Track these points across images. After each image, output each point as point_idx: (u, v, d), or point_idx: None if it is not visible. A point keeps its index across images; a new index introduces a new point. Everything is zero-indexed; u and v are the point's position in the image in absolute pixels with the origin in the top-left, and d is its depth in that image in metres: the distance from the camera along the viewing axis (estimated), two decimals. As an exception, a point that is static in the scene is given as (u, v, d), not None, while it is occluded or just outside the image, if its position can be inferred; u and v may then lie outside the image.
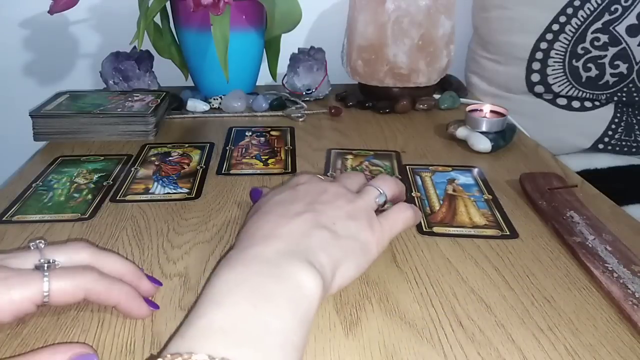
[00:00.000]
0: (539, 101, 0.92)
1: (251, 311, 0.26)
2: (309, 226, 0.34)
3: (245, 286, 0.28)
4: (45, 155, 0.61)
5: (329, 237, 0.34)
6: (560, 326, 0.34)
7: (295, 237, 0.33)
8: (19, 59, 0.98)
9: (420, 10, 0.74)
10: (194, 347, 0.24)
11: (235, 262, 0.30)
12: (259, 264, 0.30)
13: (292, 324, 0.27)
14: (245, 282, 0.28)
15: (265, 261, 0.30)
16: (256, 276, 0.29)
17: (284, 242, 0.32)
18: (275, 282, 0.29)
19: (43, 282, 0.31)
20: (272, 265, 0.30)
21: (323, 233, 0.34)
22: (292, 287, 0.29)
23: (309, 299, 0.29)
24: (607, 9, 0.84)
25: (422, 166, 0.58)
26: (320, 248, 0.33)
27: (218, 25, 0.69)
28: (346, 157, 0.61)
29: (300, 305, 0.28)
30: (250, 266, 0.30)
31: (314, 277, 0.30)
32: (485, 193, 0.52)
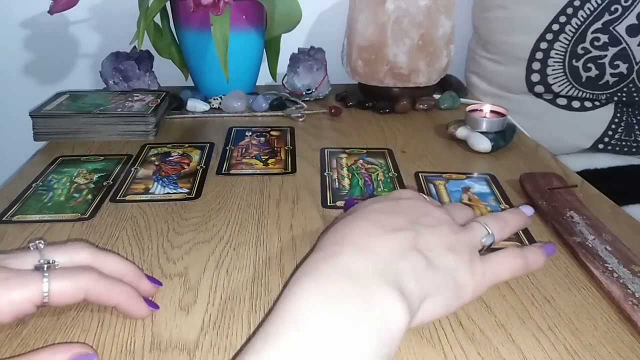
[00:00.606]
0: (539, 101, 0.92)
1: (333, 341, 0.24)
2: (405, 246, 0.30)
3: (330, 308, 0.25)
4: (45, 155, 0.61)
5: (424, 264, 0.30)
6: (560, 326, 0.34)
7: (388, 256, 0.29)
8: (19, 59, 0.98)
9: (420, 10, 0.74)
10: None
11: (320, 274, 0.27)
12: (345, 280, 0.27)
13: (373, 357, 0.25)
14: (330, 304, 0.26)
15: (352, 277, 0.27)
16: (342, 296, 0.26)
17: (375, 258, 0.29)
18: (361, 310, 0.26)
19: (43, 282, 0.31)
20: (360, 285, 0.27)
21: (419, 259, 0.30)
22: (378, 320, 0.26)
23: (393, 336, 0.26)
24: (607, 9, 0.84)
25: (435, 174, 0.57)
26: (413, 275, 0.29)
27: (218, 25, 0.69)
28: (340, 155, 0.61)
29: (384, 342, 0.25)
30: (335, 280, 0.27)
31: (403, 310, 0.26)
32: (502, 202, 0.50)
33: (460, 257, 0.32)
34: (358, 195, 0.52)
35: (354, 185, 0.54)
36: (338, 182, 0.54)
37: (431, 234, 0.32)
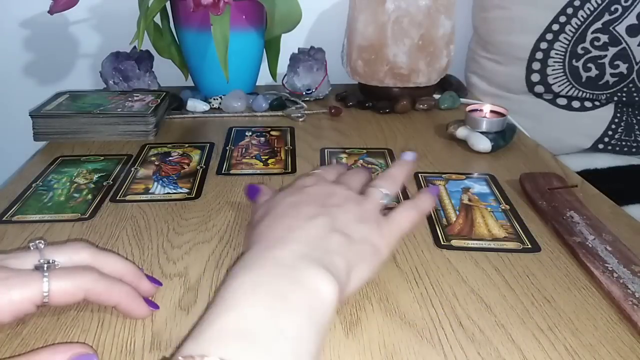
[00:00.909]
0: (539, 101, 0.92)
1: (267, 315, 0.26)
2: (325, 230, 0.34)
3: (261, 289, 0.28)
4: (45, 155, 0.61)
5: (344, 241, 0.34)
6: (560, 326, 0.34)
7: (311, 241, 0.32)
8: (19, 59, 0.98)
9: (420, 10, 0.74)
10: (207, 350, 0.24)
11: (252, 265, 0.30)
12: (275, 266, 0.30)
13: (307, 330, 0.27)
14: (261, 285, 0.28)
15: (281, 264, 0.30)
16: (272, 279, 0.28)
17: (300, 245, 0.32)
18: (291, 286, 0.28)
19: (43, 282, 0.31)
20: (289, 269, 0.29)
21: (338, 237, 0.34)
22: (309, 292, 0.28)
23: (325, 304, 0.28)
24: (607, 9, 0.84)
25: (435, 174, 0.57)
26: (336, 252, 0.32)
27: (218, 25, 0.69)
28: (340, 156, 0.61)
29: (317, 311, 0.28)
30: (266, 269, 0.29)
31: (330, 282, 0.29)
32: (502, 203, 0.50)
33: (369, 225, 0.36)
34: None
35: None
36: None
37: (342, 213, 0.36)
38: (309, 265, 0.30)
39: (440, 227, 0.46)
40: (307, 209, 0.36)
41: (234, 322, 0.25)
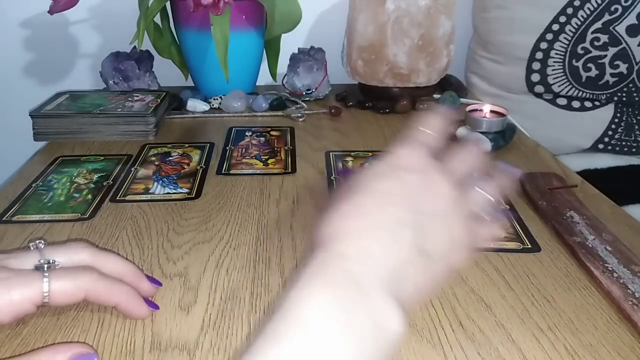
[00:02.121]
0: (539, 101, 0.92)
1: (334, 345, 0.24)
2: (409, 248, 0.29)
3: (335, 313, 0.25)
4: (45, 155, 0.61)
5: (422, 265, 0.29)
6: (560, 326, 0.34)
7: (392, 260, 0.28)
8: (19, 59, 0.98)
9: (420, 10, 0.74)
10: None
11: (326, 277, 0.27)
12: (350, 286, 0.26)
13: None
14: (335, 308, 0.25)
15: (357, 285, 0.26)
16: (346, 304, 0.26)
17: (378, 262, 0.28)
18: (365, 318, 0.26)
19: (43, 282, 0.31)
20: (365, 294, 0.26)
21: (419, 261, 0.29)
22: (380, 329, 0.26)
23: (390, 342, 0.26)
24: (607, 9, 0.84)
25: None
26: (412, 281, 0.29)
27: (218, 25, 0.69)
28: (346, 159, 0.61)
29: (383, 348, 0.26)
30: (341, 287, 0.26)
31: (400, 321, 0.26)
32: (502, 203, 0.50)
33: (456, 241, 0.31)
34: None
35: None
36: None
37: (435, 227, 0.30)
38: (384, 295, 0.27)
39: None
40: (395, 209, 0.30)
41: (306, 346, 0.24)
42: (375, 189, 0.30)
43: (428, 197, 0.31)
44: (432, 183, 0.31)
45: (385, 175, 0.32)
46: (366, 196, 0.30)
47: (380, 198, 0.30)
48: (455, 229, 0.31)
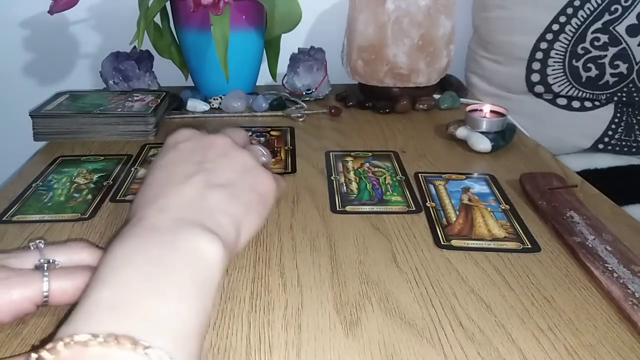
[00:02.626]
0: (539, 101, 0.92)
1: (144, 284, 0.24)
2: (202, 188, 0.32)
3: (137, 259, 0.26)
4: (45, 155, 0.61)
5: (226, 195, 0.32)
6: (560, 326, 0.34)
7: (188, 202, 0.30)
8: (19, 59, 0.98)
9: (420, 10, 0.74)
10: (79, 328, 0.22)
11: (126, 236, 0.28)
12: (151, 235, 0.28)
13: (190, 289, 0.25)
14: (137, 255, 0.26)
15: (158, 231, 0.28)
16: (148, 248, 0.27)
17: (177, 209, 0.30)
18: (169, 252, 0.27)
19: (43, 282, 0.31)
20: (165, 235, 0.28)
21: (219, 193, 0.32)
22: (188, 254, 0.27)
23: (209, 263, 0.27)
24: (607, 9, 0.84)
25: (435, 174, 0.57)
26: (218, 209, 0.31)
27: (218, 25, 0.69)
28: (346, 159, 0.61)
29: (200, 270, 0.27)
30: (142, 238, 0.28)
31: (212, 241, 0.28)
32: (502, 203, 0.50)
33: (255, 173, 0.35)
34: (367, 199, 0.51)
35: (361, 189, 0.53)
36: (346, 186, 0.54)
37: (222, 164, 0.34)
38: (186, 229, 0.28)
39: (440, 227, 0.46)
40: (182, 168, 0.33)
41: (108, 295, 0.24)
42: (159, 165, 0.35)
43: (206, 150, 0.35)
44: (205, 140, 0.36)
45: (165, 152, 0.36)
46: (154, 172, 0.34)
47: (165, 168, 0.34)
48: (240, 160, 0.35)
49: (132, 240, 0.27)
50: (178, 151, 0.35)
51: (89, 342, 0.21)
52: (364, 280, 0.38)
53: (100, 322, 0.22)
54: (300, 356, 0.31)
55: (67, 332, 0.22)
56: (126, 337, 0.21)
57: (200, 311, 0.25)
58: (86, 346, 0.21)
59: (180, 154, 0.35)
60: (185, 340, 0.23)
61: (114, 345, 0.21)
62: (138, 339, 0.21)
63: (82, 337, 0.21)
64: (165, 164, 0.34)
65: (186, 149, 0.35)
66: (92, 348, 0.21)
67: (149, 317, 0.23)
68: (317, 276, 0.39)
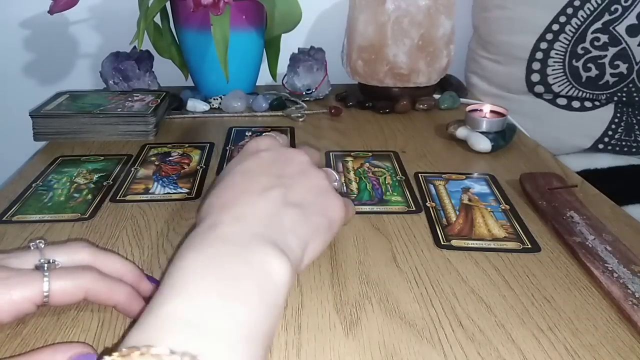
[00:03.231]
0: (539, 101, 0.92)
1: (217, 300, 0.24)
2: (278, 204, 0.32)
3: (211, 271, 0.26)
4: (45, 155, 0.61)
5: (299, 216, 0.32)
6: (560, 326, 0.34)
7: (264, 217, 0.31)
8: (19, 59, 0.98)
9: (420, 10, 0.74)
10: (154, 339, 0.22)
11: (200, 244, 0.28)
12: (225, 246, 0.28)
13: (260, 313, 0.25)
14: (211, 267, 0.26)
15: (232, 243, 0.28)
16: (222, 260, 0.27)
17: (252, 222, 0.30)
18: (242, 268, 0.27)
19: (43, 282, 0.31)
20: (240, 249, 0.28)
21: (293, 212, 0.32)
22: (260, 274, 0.27)
23: (277, 286, 0.27)
24: (607, 9, 0.84)
25: (435, 174, 0.57)
26: (290, 229, 0.31)
27: (218, 25, 0.69)
28: (346, 159, 0.61)
29: (269, 293, 0.27)
30: (215, 248, 0.28)
31: (284, 263, 0.28)
32: (502, 203, 0.50)
33: (327, 196, 0.35)
34: (367, 199, 0.51)
35: (362, 189, 0.53)
36: (346, 186, 0.54)
37: (299, 184, 0.34)
38: (261, 245, 0.28)
39: (440, 227, 0.46)
40: (261, 179, 0.33)
41: (182, 308, 0.24)
42: (238, 169, 0.35)
43: (285, 164, 0.35)
44: (286, 154, 0.36)
45: (244, 159, 0.36)
46: (231, 177, 0.34)
47: (244, 174, 0.34)
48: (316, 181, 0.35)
49: (207, 249, 0.28)
50: (258, 159, 0.36)
51: (164, 357, 0.21)
52: (364, 280, 0.38)
53: (175, 335, 0.22)
54: (300, 356, 0.31)
55: (142, 340, 0.22)
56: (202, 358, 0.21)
57: (267, 333, 0.25)
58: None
59: (260, 163, 0.35)
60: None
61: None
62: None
63: (159, 351, 0.21)
64: (244, 170, 0.34)
65: (267, 159, 0.35)
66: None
67: (222, 337, 0.23)
68: (317, 276, 0.39)
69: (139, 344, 0.21)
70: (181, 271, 0.26)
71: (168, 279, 0.26)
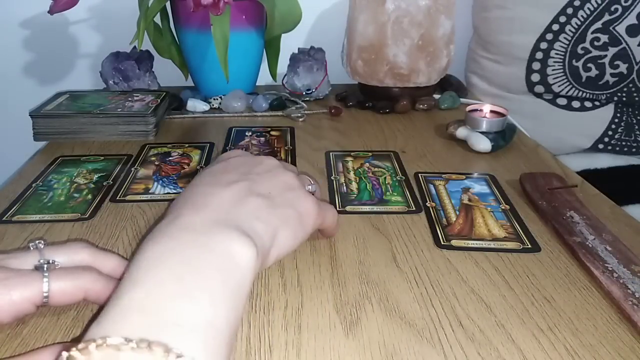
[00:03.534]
0: (539, 101, 0.92)
1: (176, 287, 0.24)
2: (242, 194, 0.32)
3: (170, 260, 0.26)
4: (45, 155, 0.61)
5: (265, 205, 0.32)
6: (560, 326, 0.34)
7: (226, 206, 0.30)
8: (19, 59, 0.98)
9: (420, 10, 0.74)
10: (110, 330, 0.22)
11: (160, 235, 0.28)
12: (185, 234, 0.27)
13: (222, 296, 0.25)
14: (170, 256, 0.26)
15: (192, 231, 0.28)
16: (182, 248, 0.26)
17: (214, 210, 0.30)
18: (203, 253, 0.26)
19: (43, 282, 0.31)
20: (200, 236, 0.27)
21: (258, 200, 0.32)
22: (222, 257, 0.26)
23: (241, 268, 0.27)
24: (607, 9, 0.84)
25: (435, 174, 0.57)
26: (255, 216, 0.31)
27: (218, 25, 0.69)
28: (346, 159, 0.61)
29: (232, 275, 0.26)
30: (175, 238, 0.27)
31: (247, 246, 0.27)
32: (502, 203, 0.50)
33: (297, 193, 0.35)
34: (367, 199, 0.51)
35: (361, 189, 0.53)
36: (346, 186, 0.54)
37: (266, 180, 0.34)
38: (221, 230, 0.28)
39: (440, 227, 0.46)
40: (228, 176, 0.34)
41: (140, 298, 0.23)
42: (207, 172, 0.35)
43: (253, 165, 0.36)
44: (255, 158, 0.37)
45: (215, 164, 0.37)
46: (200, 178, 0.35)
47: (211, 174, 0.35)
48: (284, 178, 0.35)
49: (166, 239, 0.27)
50: (227, 163, 0.36)
51: (122, 346, 0.20)
52: (364, 280, 0.38)
53: (132, 324, 0.22)
54: (300, 356, 0.31)
55: (99, 333, 0.21)
56: (159, 343, 0.21)
57: (231, 317, 0.25)
58: (118, 350, 0.20)
59: (230, 166, 0.36)
60: (216, 347, 0.23)
61: (146, 351, 0.20)
62: (170, 346, 0.21)
63: (114, 341, 0.20)
64: (211, 172, 0.35)
65: (235, 162, 0.36)
66: (124, 352, 0.20)
67: (180, 322, 0.23)
68: (317, 276, 0.39)
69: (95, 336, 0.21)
70: (140, 263, 0.26)
71: (127, 272, 0.26)
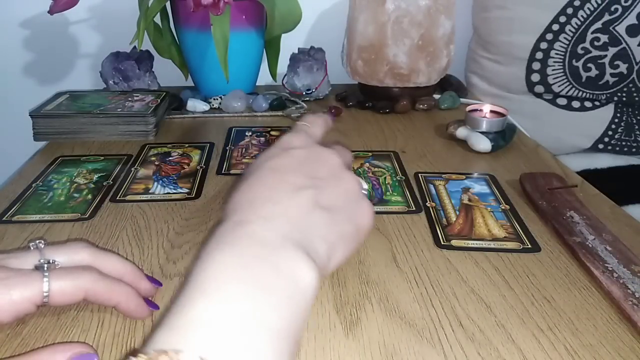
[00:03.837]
0: (539, 101, 0.92)
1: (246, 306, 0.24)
2: (309, 205, 0.30)
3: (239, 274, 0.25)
4: (45, 155, 0.61)
5: (328, 221, 0.31)
6: (560, 326, 0.34)
7: (293, 218, 0.29)
8: (19, 59, 0.98)
9: (420, 10, 0.74)
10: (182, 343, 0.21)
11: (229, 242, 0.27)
12: (253, 246, 0.27)
13: (288, 320, 0.25)
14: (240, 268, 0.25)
15: (260, 244, 0.27)
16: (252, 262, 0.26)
17: (282, 222, 0.29)
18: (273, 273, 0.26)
19: (43, 282, 0.31)
20: (269, 251, 0.27)
21: (323, 215, 0.31)
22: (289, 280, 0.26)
23: (305, 293, 0.26)
24: (607, 9, 0.84)
25: (435, 174, 0.57)
26: (319, 235, 0.30)
27: (218, 25, 0.69)
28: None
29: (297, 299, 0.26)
30: (244, 248, 0.27)
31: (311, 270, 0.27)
32: (502, 203, 0.50)
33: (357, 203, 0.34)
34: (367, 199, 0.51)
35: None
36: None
37: (330, 187, 0.33)
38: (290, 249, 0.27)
39: (440, 227, 0.46)
40: (292, 177, 0.32)
41: (212, 312, 0.23)
42: (269, 166, 0.33)
43: (318, 165, 0.34)
44: (319, 154, 0.35)
45: (276, 154, 0.34)
46: (262, 172, 0.33)
47: (275, 171, 0.33)
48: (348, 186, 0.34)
49: (235, 249, 0.27)
50: (290, 157, 0.34)
51: None
52: (364, 280, 0.38)
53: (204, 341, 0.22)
54: (300, 356, 0.31)
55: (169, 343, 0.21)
56: None
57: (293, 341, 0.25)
58: None
59: (292, 161, 0.33)
60: None
61: None
62: None
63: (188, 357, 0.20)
64: (274, 167, 0.33)
65: (298, 157, 0.34)
66: None
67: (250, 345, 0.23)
68: (317, 276, 0.39)
69: (165, 347, 0.21)
70: (209, 271, 0.25)
71: (195, 277, 0.25)
